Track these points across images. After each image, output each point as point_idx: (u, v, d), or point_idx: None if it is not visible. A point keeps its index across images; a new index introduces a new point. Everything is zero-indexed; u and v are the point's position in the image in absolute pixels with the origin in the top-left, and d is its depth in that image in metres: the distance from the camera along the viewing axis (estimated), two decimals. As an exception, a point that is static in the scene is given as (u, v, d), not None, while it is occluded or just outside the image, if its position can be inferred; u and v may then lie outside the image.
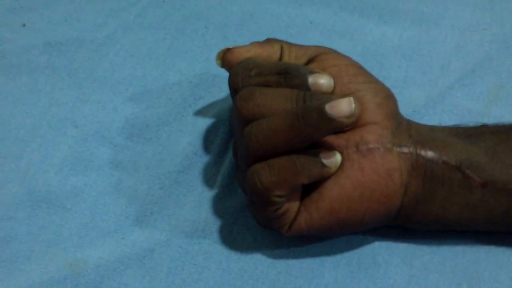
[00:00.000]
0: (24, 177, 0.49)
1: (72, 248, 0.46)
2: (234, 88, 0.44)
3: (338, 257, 0.45)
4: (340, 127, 0.39)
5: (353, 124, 0.39)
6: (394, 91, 0.45)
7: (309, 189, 0.41)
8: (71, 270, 0.45)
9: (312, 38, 0.56)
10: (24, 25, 0.58)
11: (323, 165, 0.40)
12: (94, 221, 0.47)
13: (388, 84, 0.45)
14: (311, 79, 0.41)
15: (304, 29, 0.57)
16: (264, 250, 0.46)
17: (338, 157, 0.40)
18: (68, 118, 0.52)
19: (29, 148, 0.51)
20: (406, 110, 0.48)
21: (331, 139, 0.41)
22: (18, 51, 0.56)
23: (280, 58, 0.46)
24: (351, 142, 0.41)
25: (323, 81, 0.42)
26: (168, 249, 0.46)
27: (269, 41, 0.47)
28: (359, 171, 0.40)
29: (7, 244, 0.46)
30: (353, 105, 0.38)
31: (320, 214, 0.41)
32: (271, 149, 0.40)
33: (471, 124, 0.45)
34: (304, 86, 0.41)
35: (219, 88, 0.53)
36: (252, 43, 0.47)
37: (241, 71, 0.43)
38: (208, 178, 0.49)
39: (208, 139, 0.51)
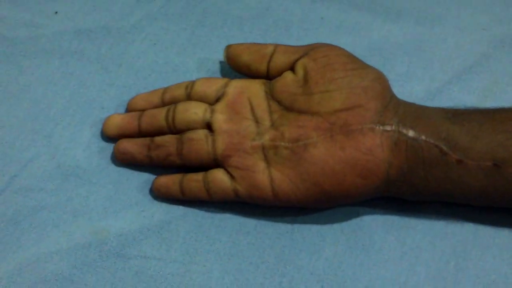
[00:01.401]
0: (55, 152, 0.51)
1: (97, 218, 0.48)
2: None
3: (338, 233, 0.47)
4: None
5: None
6: (396, 84, 0.46)
7: (294, 163, 0.44)
8: (95, 237, 0.47)
9: (322, 33, 0.57)
10: (56, 12, 0.59)
11: None
12: (117, 195, 0.49)
13: (390, 78, 0.46)
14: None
15: (316, 24, 0.57)
16: (271, 225, 0.48)
17: None
18: (96, 100, 0.54)
19: (59, 126, 0.52)
20: None
21: (317, 123, 0.44)
22: (50, 36, 0.57)
23: (271, 57, 0.49)
24: (336, 125, 0.44)
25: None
26: (184, 221, 0.48)
27: (263, 44, 0.51)
28: (341, 150, 0.43)
29: (37, 213, 0.48)
30: None
31: (305, 186, 0.44)
32: None
33: None
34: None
35: (234, 76, 0.53)
36: (249, 43, 0.51)
37: None
38: None
39: None
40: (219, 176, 0.46)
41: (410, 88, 0.54)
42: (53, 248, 0.47)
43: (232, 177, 0.46)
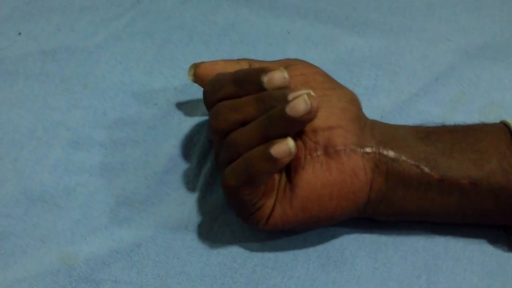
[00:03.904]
0: (20, 177, 0.50)
1: (65, 243, 0.47)
2: (207, 106, 0.46)
3: (310, 251, 0.47)
4: (305, 124, 0.41)
5: (315, 116, 0.40)
6: (364, 98, 0.46)
7: (284, 187, 0.43)
8: (64, 263, 0.47)
9: (289, 48, 0.57)
10: (20, 33, 0.58)
11: (273, 159, 0.40)
12: (85, 218, 0.48)
13: (358, 91, 0.46)
14: (265, 79, 0.42)
15: (282, 39, 0.57)
16: (242, 244, 0.47)
17: (289, 144, 0.40)
18: (61, 122, 0.53)
19: (25, 150, 0.51)
20: (374, 115, 0.49)
21: (303, 142, 0.43)
22: (14, 58, 0.56)
23: None
24: (320, 145, 0.43)
25: (276, 76, 0.42)
26: (154, 244, 0.47)
27: (237, 60, 0.49)
28: (327, 172, 0.42)
29: (4, 239, 0.47)
30: (308, 102, 0.39)
31: (294, 211, 0.43)
32: None
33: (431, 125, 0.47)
34: (259, 88, 0.42)
35: (201, 94, 0.52)
36: (219, 60, 0.49)
37: (209, 89, 0.45)
38: (191, 178, 0.50)
39: (191, 142, 0.52)
40: None
41: (377, 101, 0.54)
42: (21, 275, 0.46)
43: None
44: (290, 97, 0.40)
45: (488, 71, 0.56)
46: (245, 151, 0.41)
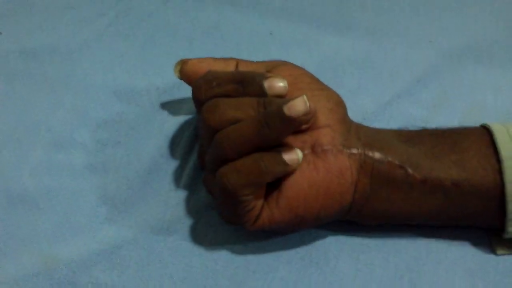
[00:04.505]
0: (1, 178, 0.50)
1: (46, 245, 0.47)
2: (198, 100, 0.45)
3: (292, 252, 0.47)
4: (300, 125, 0.41)
5: (311, 120, 0.41)
6: (347, 99, 0.46)
7: (271, 187, 0.43)
8: (45, 265, 0.46)
9: (272, 48, 0.57)
10: (0, 33, 0.58)
11: (285, 163, 0.41)
12: (66, 220, 0.48)
13: (341, 92, 0.46)
14: (266, 84, 0.43)
15: (265, 39, 0.58)
16: (224, 246, 0.47)
17: (299, 154, 0.42)
18: (43, 122, 0.53)
19: (5, 151, 0.51)
20: (357, 116, 0.51)
21: (289, 141, 0.43)
22: None
23: None
24: (307, 144, 0.43)
25: (277, 84, 0.43)
26: (135, 246, 0.47)
27: (225, 58, 0.49)
28: (314, 171, 0.43)
29: None
30: (307, 103, 0.40)
31: (280, 211, 0.43)
32: (240, 153, 0.42)
33: (412, 128, 0.47)
34: (260, 91, 0.43)
35: (184, 93, 0.54)
36: (207, 57, 0.49)
37: (203, 84, 0.45)
38: (173, 179, 0.50)
39: (173, 142, 0.52)
40: None
41: (361, 102, 0.54)
42: (1, 278, 0.46)
43: None
44: (290, 100, 0.41)
45: (470, 72, 0.56)
46: (236, 148, 0.41)
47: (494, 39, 0.59)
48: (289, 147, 0.42)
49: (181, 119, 0.54)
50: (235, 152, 0.42)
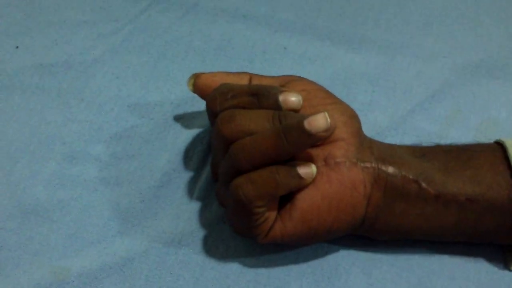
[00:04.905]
0: (15, 190, 0.50)
1: (58, 257, 0.47)
2: (213, 112, 0.45)
3: (304, 266, 0.47)
4: (318, 141, 0.41)
5: (328, 137, 0.41)
6: (360, 114, 0.46)
7: (284, 200, 0.43)
8: (56, 277, 0.46)
9: (285, 63, 0.57)
10: (17, 47, 0.59)
11: (300, 177, 0.41)
12: (78, 232, 0.48)
13: (354, 107, 0.46)
14: (281, 98, 0.43)
15: (278, 55, 0.58)
16: (235, 260, 0.47)
17: (313, 168, 0.42)
18: (57, 135, 0.53)
19: (19, 164, 0.51)
20: (370, 131, 0.51)
21: (302, 153, 0.43)
22: (11, 72, 0.57)
23: None
24: (320, 156, 0.43)
25: (292, 98, 0.44)
26: (147, 258, 0.47)
27: (238, 72, 0.49)
28: (327, 183, 0.42)
29: None
30: (329, 120, 0.40)
31: (293, 223, 0.43)
32: (254, 165, 0.42)
33: (426, 144, 0.47)
34: (275, 105, 0.43)
35: (197, 107, 0.54)
36: (220, 71, 0.49)
37: (218, 96, 0.45)
38: (185, 193, 0.50)
39: (186, 156, 0.52)
40: None
41: (374, 118, 0.54)
42: (13, 289, 0.46)
43: None
44: (307, 115, 0.41)
45: (484, 88, 0.56)
46: (251, 160, 0.41)
47: (508, 54, 0.59)
48: (303, 161, 0.42)
49: (194, 133, 0.54)
50: (250, 164, 0.41)
